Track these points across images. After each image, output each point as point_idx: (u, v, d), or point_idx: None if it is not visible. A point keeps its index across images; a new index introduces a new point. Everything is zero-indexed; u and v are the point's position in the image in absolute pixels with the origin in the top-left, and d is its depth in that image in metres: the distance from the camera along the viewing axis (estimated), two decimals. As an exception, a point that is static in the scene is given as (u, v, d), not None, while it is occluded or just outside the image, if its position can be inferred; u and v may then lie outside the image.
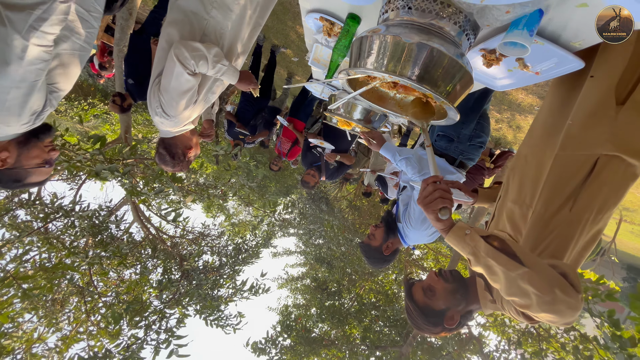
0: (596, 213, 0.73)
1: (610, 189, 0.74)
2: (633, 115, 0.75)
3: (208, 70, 1.25)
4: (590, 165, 0.76)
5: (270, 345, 6.40)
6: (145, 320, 3.77)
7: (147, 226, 5.19)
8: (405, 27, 0.72)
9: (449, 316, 0.95)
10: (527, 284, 0.63)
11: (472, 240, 0.72)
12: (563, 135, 0.83)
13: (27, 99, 0.91)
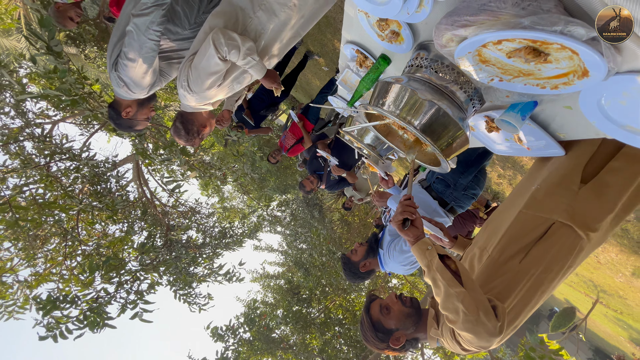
0: (542, 271, 0.84)
1: (557, 252, 0.85)
2: (591, 195, 0.87)
3: (238, 60, 1.37)
4: (545, 227, 0.87)
5: (230, 334, 6.42)
6: (119, 278, 3.84)
7: (143, 189, 5.29)
8: (424, 84, 0.84)
9: (396, 337, 1.05)
10: (460, 302, 0.74)
11: (430, 254, 0.83)
12: (529, 196, 0.95)
13: (145, 77, 1.43)
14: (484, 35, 0.55)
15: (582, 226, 0.85)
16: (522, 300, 0.82)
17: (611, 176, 0.89)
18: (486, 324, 0.72)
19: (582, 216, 0.86)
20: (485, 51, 0.62)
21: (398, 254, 1.48)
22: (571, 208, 0.87)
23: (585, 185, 0.89)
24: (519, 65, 0.62)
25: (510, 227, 0.92)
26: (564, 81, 0.61)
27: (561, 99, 0.71)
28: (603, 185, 0.89)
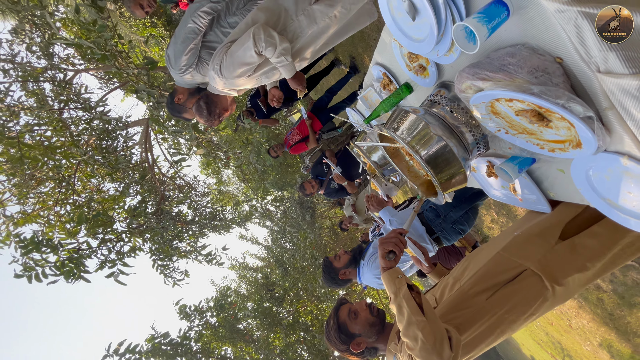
0: (505, 312, 0.90)
1: (523, 297, 0.91)
2: (566, 251, 0.93)
3: (272, 57, 1.44)
4: (517, 272, 0.93)
5: (197, 315, 6.42)
6: (104, 235, 3.88)
7: (147, 154, 5.34)
8: (437, 119, 0.90)
9: (357, 342, 1.11)
10: (420, 330, 0.80)
11: (399, 283, 0.90)
12: (509, 241, 1.02)
13: (181, 56, 1.54)
14: (499, 92, 0.62)
15: (550, 278, 0.91)
16: (480, 335, 0.88)
17: (589, 239, 0.96)
18: (441, 354, 0.78)
19: (552, 269, 0.92)
20: (498, 104, 0.69)
21: (374, 267, 1.55)
22: (544, 259, 0.93)
23: (563, 241, 0.96)
24: (524, 124, 0.69)
25: (486, 264, 0.99)
26: (560, 147, 0.67)
27: (556, 161, 0.78)
28: (579, 245, 0.96)
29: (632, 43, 0.46)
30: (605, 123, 0.56)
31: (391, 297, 0.91)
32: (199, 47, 1.58)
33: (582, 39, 0.49)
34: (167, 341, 5.02)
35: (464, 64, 0.75)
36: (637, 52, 0.46)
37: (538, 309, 0.94)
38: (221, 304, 7.02)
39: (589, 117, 0.54)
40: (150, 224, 4.28)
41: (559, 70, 0.57)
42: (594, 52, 0.49)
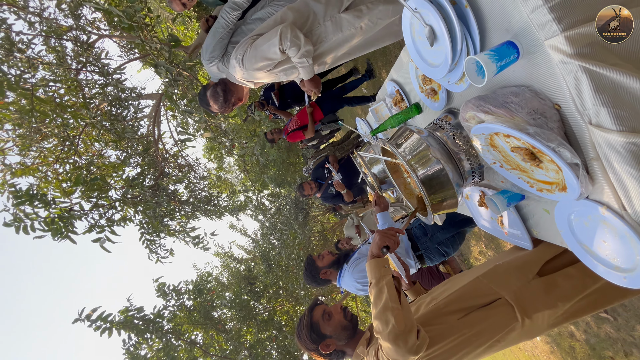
0: (473, 334, 0.94)
1: (492, 323, 0.95)
2: (540, 287, 0.97)
3: (294, 57, 1.49)
4: (492, 298, 0.97)
5: (174, 295, 6.40)
6: (97, 199, 3.90)
7: (154, 128, 5.37)
8: (439, 143, 0.94)
9: (327, 343, 1.14)
10: (393, 316, 0.85)
11: (385, 272, 0.95)
12: (490, 269, 1.06)
13: (209, 47, 1.61)
14: (498, 127, 0.66)
15: (522, 310, 0.95)
16: (446, 353, 0.91)
17: (563, 279, 1.00)
18: (407, 340, 0.83)
19: (525, 302, 0.96)
20: (496, 138, 0.73)
21: (357, 272, 1.58)
22: (519, 291, 0.97)
23: (539, 278, 1.00)
24: (518, 160, 0.73)
25: (464, 287, 1.03)
26: (548, 188, 0.71)
27: (543, 202, 0.81)
28: (553, 284, 0.99)
29: (623, 102, 0.50)
30: (590, 172, 0.60)
31: (372, 282, 0.95)
32: (226, 41, 1.63)
33: (580, 91, 0.53)
34: (140, 316, 5.01)
35: (471, 95, 0.79)
36: (626, 111, 0.50)
37: (505, 337, 0.97)
38: (200, 288, 7.00)
39: (575, 164, 0.58)
40: (145, 197, 4.30)
41: (556, 116, 0.61)
42: (588, 105, 0.53)
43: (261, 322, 7.17)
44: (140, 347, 5.36)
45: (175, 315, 6.10)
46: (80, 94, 4.08)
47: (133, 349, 4.90)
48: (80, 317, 4.30)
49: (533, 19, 0.54)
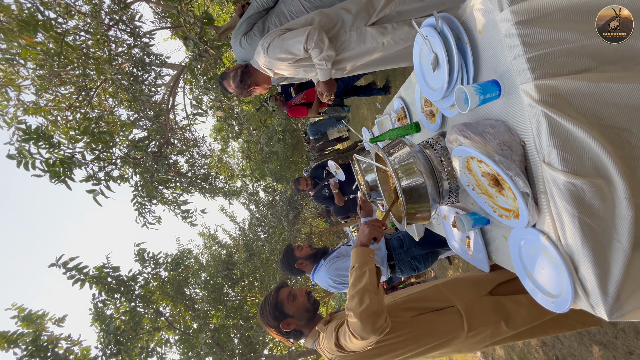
0: (421, 334, 1.04)
1: (440, 327, 1.05)
2: (489, 305, 1.08)
3: (315, 58, 1.60)
4: (445, 305, 1.08)
5: (151, 264, 6.44)
6: (100, 153, 3.99)
7: (169, 97, 5.48)
8: (426, 159, 1.04)
9: (288, 322, 1.23)
10: (369, 298, 0.93)
11: (370, 259, 1.03)
12: (450, 279, 1.18)
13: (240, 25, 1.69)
14: (472, 151, 0.75)
15: (469, 321, 1.05)
16: (395, 344, 1.00)
17: (511, 303, 1.10)
18: (376, 322, 0.92)
19: (474, 315, 1.06)
20: (471, 162, 0.82)
21: (333, 269, 1.66)
22: (470, 304, 1.06)
23: (491, 296, 1.09)
24: (486, 185, 0.82)
25: (424, 290, 1.14)
26: (507, 214, 0.80)
27: (503, 228, 0.91)
28: (502, 305, 1.10)
29: (570, 148, 0.60)
30: (538, 203, 0.69)
31: (355, 265, 1.02)
32: (253, 21, 1.74)
33: (539, 132, 0.63)
34: (114, 275, 5.05)
35: (460, 121, 0.89)
36: (572, 156, 0.60)
37: (449, 342, 1.06)
38: (178, 262, 7.03)
39: (526, 193, 0.67)
40: (146, 161, 4.39)
41: (520, 151, 0.71)
42: (544, 145, 0.62)
43: (230, 308, 7.19)
44: (107, 306, 5.39)
45: (149, 282, 6.13)
46: (106, 49, 4.19)
47: (101, 306, 4.93)
48: (57, 262, 4.35)
49: (514, 65, 0.64)
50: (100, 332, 5.09)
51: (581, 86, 0.59)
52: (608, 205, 0.59)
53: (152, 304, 5.73)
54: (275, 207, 9.37)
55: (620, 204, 0.58)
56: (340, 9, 1.68)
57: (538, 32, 0.60)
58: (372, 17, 1.63)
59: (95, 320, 5.20)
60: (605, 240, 0.59)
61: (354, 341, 0.95)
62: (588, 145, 0.58)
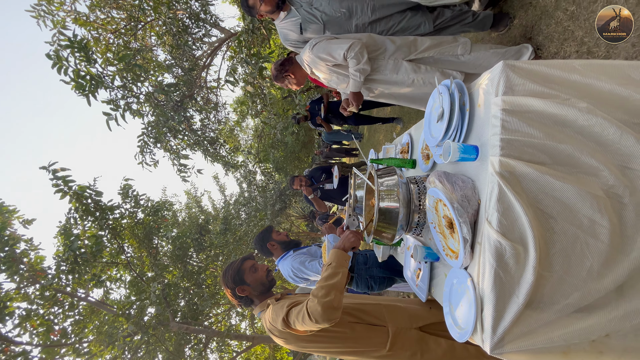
0: (351, 337, 1.21)
1: (368, 338, 1.21)
2: (413, 337, 1.24)
3: (351, 67, 1.78)
4: (380, 322, 1.25)
5: (132, 201, 6.53)
6: (127, 83, 4.14)
7: (208, 57, 5.66)
8: (407, 192, 1.19)
9: (243, 288, 1.38)
10: (335, 295, 1.11)
11: (345, 264, 1.20)
12: (393, 302, 1.35)
13: None
14: (440, 194, 0.92)
15: (392, 344, 1.20)
16: (326, 338, 1.16)
17: (433, 343, 1.25)
18: (332, 315, 1.09)
19: (398, 340, 1.22)
20: (439, 204, 0.99)
21: (297, 263, 1.82)
22: (399, 331, 1.23)
23: (419, 331, 1.25)
24: (444, 226, 0.98)
25: (367, 304, 1.31)
26: (451, 255, 0.96)
27: (447, 267, 1.06)
28: (424, 342, 1.24)
29: (508, 216, 0.76)
30: (473, 250, 0.86)
31: (332, 264, 1.19)
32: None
33: (491, 196, 0.79)
34: (95, 199, 5.14)
35: (443, 169, 1.06)
36: (507, 222, 0.76)
37: (367, 354, 1.22)
38: (157, 210, 7.11)
39: (466, 239, 0.83)
40: (166, 106, 4.54)
41: (476, 207, 0.87)
42: (491, 207, 0.79)
43: (189, 271, 7.28)
44: (76, 226, 5.47)
45: (123, 217, 6.21)
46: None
47: (72, 222, 5.03)
48: (48, 167, 4.46)
49: (491, 140, 0.81)
50: (62, 247, 5.17)
51: (532, 174, 0.76)
52: (519, 267, 0.75)
53: (119, 239, 5.82)
54: (266, 193, 9.51)
55: (528, 270, 0.74)
56: (386, 38, 1.86)
57: (515, 122, 0.77)
58: (411, 54, 1.81)
59: (61, 234, 5.28)
60: (508, 293, 0.75)
61: (307, 322, 1.10)
62: (520, 219, 0.75)
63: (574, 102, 0.76)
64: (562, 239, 0.75)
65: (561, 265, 0.75)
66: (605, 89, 0.75)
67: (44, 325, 5.01)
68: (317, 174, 3.74)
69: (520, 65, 0.80)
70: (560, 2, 1.53)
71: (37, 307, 5.20)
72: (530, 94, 0.78)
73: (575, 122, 0.75)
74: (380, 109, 6.01)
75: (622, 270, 0.73)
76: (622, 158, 0.75)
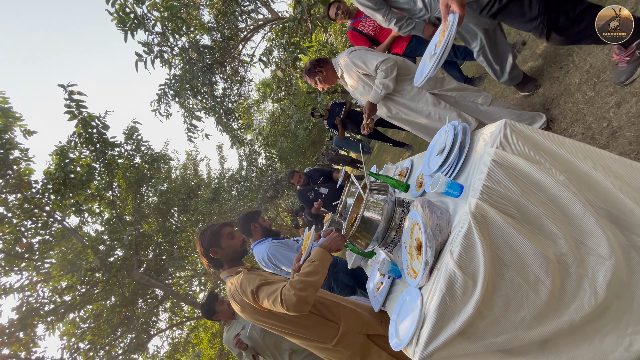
0: (303, 324, 1.32)
1: (319, 329, 1.32)
2: (359, 341, 1.34)
3: (378, 78, 1.89)
4: (334, 319, 1.35)
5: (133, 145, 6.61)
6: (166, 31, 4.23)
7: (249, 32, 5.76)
8: (392, 210, 1.28)
9: (216, 251, 1.47)
10: (310, 291, 1.20)
11: (326, 265, 1.30)
12: (351, 307, 1.44)
13: None
14: (419, 218, 1.00)
15: (337, 342, 1.30)
16: (282, 317, 1.25)
17: (375, 353, 1.34)
18: (303, 307, 1.18)
19: (343, 340, 1.33)
20: (415, 227, 1.08)
21: (274, 249, 1.91)
22: (349, 332, 1.34)
23: (366, 337, 1.34)
24: (413, 247, 1.07)
25: (327, 300, 1.43)
26: (412, 274, 1.05)
27: (405, 285, 1.15)
28: (368, 349, 1.33)
29: (469, 252, 0.85)
30: (431, 274, 0.94)
31: (315, 262, 1.28)
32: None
33: (459, 231, 0.88)
34: (100, 130, 5.19)
35: (430, 197, 1.15)
36: (467, 256, 0.85)
37: (312, 343, 1.32)
38: (155, 160, 7.17)
39: (427, 262, 0.92)
40: (196, 65, 4.62)
41: (445, 237, 0.96)
42: (456, 241, 0.88)
43: (167, 228, 7.34)
44: (73, 150, 5.53)
45: (120, 157, 6.28)
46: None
47: (72, 144, 5.08)
48: (66, 86, 4.52)
49: (475, 183, 0.90)
50: (54, 166, 5.23)
51: (500, 222, 0.85)
52: (464, 299, 0.84)
53: (110, 176, 5.88)
54: (263, 177, 9.60)
55: (471, 303, 0.83)
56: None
57: (500, 174, 0.87)
58: (435, 88, 1.91)
59: (57, 154, 5.34)
60: (448, 318, 0.84)
61: (277, 305, 1.19)
62: (478, 258, 0.84)
63: (554, 173, 0.85)
64: (508, 285, 0.84)
65: (500, 308, 0.84)
66: (584, 170, 0.85)
67: (14, 235, 5.06)
68: (315, 175, 3.83)
69: (520, 127, 0.89)
70: (582, 85, 1.64)
71: (12, 215, 5.25)
72: (520, 155, 0.87)
73: (549, 190, 0.85)
74: (396, 131, 6.12)
75: (550, 328, 0.82)
76: (580, 233, 0.85)
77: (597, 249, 0.83)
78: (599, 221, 0.83)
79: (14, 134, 5.39)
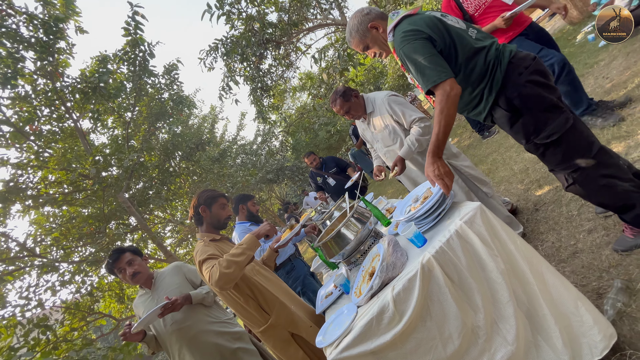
0: (237, 304, 1.54)
1: (248, 312, 1.53)
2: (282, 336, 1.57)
3: (414, 135, 1.92)
4: (268, 310, 1.55)
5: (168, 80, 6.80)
6: None
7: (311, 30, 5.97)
8: (366, 234, 1.45)
9: (204, 209, 1.69)
10: (234, 270, 1.39)
11: (254, 249, 1.50)
12: (286, 306, 1.62)
13: None
14: (381, 251, 1.17)
15: (263, 333, 1.54)
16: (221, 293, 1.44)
17: (293, 350, 1.54)
18: (227, 283, 1.38)
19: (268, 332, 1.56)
20: (376, 257, 1.24)
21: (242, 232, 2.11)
22: (276, 325, 1.57)
23: (290, 335, 1.55)
24: (367, 273, 1.24)
25: (268, 292, 1.60)
26: (358, 294, 1.21)
27: (349, 301, 1.31)
28: (288, 345, 1.56)
29: (406, 293, 1.01)
30: (371, 298, 1.11)
31: (243, 245, 1.47)
32: None
33: (406, 275, 1.04)
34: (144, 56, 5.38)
35: (399, 238, 1.31)
36: (404, 296, 1.01)
37: (246, 321, 1.51)
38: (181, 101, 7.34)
39: (371, 287, 1.09)
40: (254, 35, 4.82)
41: (395, 275, 1.12)
42: (397, 284, 1.04)
43: (164, 167, 7.51)
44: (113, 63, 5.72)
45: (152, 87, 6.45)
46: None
47: (115, 59, 5.25)
48: (133, 5, 4.73)
49: (436, 242, 1.07)
50: (89, 69, 5.43)
51: (440, 281, 1.01)
52: (388, 327, 1.00)
53: (136, 99, 6.07)
54: (270, 158, 9.79)
55: (391, 332, 0.99)
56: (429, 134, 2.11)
57: (457, 244, 1.03)
58: (451, 159, 2.00)
59: (98, 60, 5.53)
60: (368, 337, 1.01)
61: (207, 278, 1.40)
62: (412, 300, 1.00)
63: (498, 261, 1.01)
64: (425, 332, 1.00)
65: (411, 346, 1.00)
66: (522, 268, 1.01)
67: (30, 115, 5.26)
68: (330, 164, 3.99)
69: (488, 215, 1.06)
70: (572, 202, 1.80)
71: (34, 96, 5.44)
72: (478, 235, 1.04)
73: (489, 272, 1.01)
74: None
75: (443, 379, 0.99)
76: (498, 315, 1.01)
77: (505, 333, 0.99)
78: (516, 312, 1.00)
79: (68, 26, 5.61)
